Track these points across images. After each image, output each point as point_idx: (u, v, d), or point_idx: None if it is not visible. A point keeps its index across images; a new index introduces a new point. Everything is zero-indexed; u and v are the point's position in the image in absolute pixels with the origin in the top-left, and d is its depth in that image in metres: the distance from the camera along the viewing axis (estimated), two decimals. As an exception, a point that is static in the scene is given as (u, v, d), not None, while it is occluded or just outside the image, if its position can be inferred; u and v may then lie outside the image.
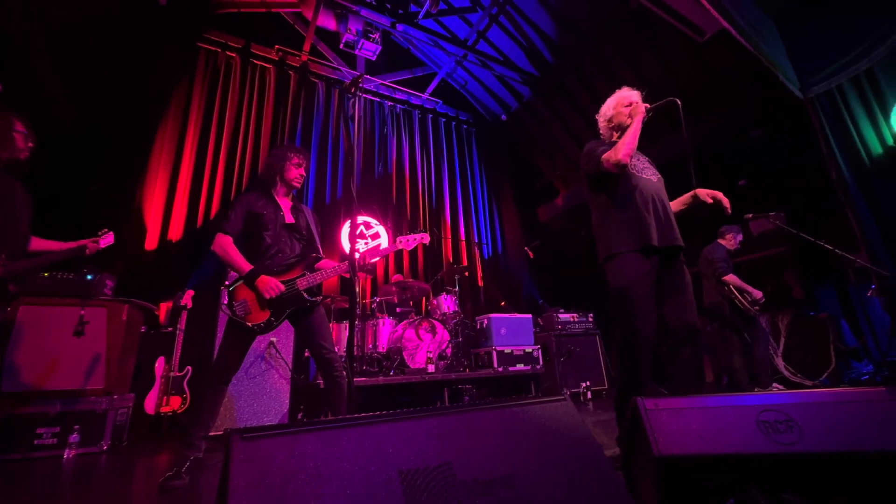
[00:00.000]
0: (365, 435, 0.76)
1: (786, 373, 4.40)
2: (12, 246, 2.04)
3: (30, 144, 2.10)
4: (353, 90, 2.14)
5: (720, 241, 4.05)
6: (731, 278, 3.75)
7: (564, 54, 6.12)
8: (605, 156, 2.00)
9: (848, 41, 3.91)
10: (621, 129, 2.15)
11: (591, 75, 6.07)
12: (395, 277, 5.23)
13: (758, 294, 3.71)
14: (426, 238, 2.36)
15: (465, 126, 7.81)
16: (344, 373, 2.09)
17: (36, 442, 2.64)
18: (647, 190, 2.05)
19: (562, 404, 1.04)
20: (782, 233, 4.27)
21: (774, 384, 3.94)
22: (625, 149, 1.94)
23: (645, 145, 2.08)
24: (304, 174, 2.39)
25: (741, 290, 3.74)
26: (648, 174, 2.14)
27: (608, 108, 2.25)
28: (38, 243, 2.21)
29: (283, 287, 2.11)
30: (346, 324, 4.21)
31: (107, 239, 2.35)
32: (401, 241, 2.34)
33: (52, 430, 2.68)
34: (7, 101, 2.14)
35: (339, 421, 0.77)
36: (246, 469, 0.65)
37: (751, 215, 3.76)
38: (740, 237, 4.07)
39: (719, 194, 2.18)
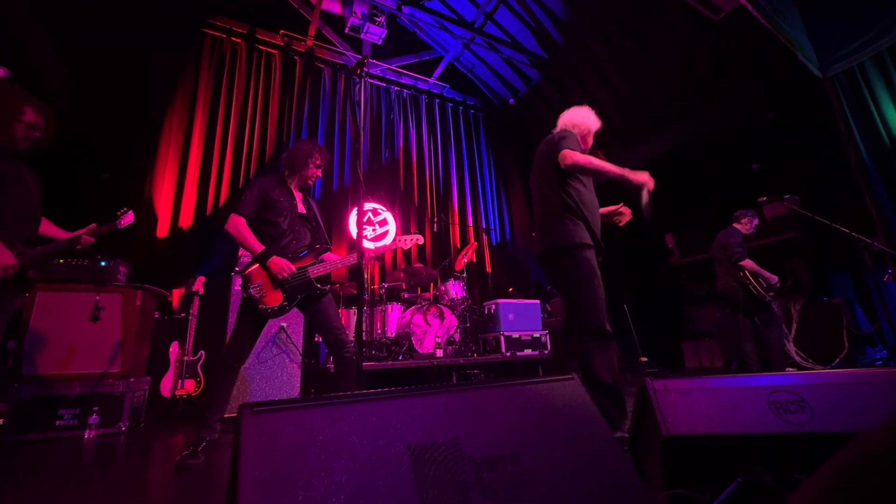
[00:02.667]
0: (373, 410, 0.77)
1: (797, 358, 4.35)
2: (30, 233, 2.06)
3: (33, 134, 1.99)
4: (358, 72, 2.13)
5: (735, 225, 3.96)
6: (747, 263, 3.68)
7: (572, 35, 5.98)
8: (566, 151, 2.02)
9: (870, 18, 3.76)
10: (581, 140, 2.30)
11: (601, 57, 5.93)
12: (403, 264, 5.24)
13: (774, 279, 3.63)
14: (420, 239, 2.58)
15: (472, 111, 7.72)
16: (354, 356, 2.14)
17: (57, 423, 2.73)
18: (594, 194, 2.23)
19: (570, 383, 1.04)
20: (797, 216, 4.19)
21: (787, 369, 3.90)
22: (587, 167, 2.00)
23: (618, 150, 2.11)
24: (321, 175, 2.49)
25: (756, 275, 3.67)
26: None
27: (569, 120, 2.33)
28: (46, 227, 2.21)
29: (294, 268, 2.15)
30: (354, 309, 4.25)
31: (127, 218, 2.41)
32: (400, 241, 2.53)
33: (73, 411, 2.78)
34: None
35: (347, 396, 0.79)
36: (257, 442, 0.66)
37: (764, 199, 3.67)
38: (756, 221, 3.98)
39: (623, 207, 2.34)
